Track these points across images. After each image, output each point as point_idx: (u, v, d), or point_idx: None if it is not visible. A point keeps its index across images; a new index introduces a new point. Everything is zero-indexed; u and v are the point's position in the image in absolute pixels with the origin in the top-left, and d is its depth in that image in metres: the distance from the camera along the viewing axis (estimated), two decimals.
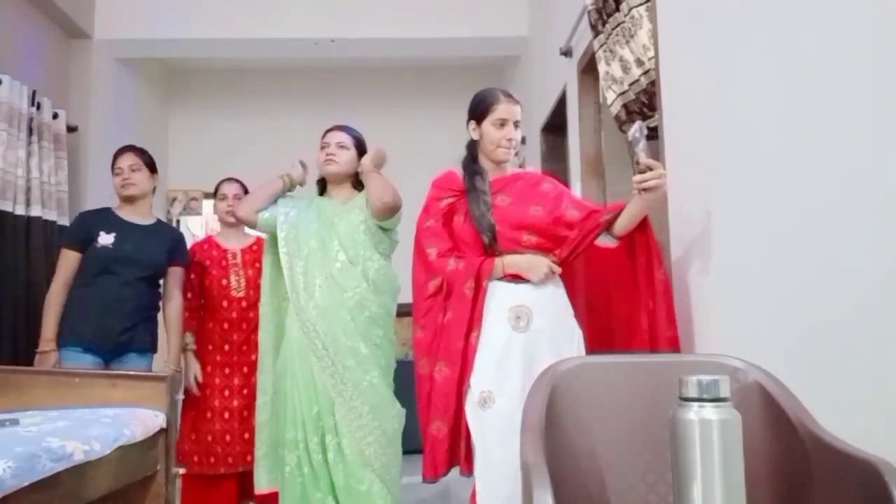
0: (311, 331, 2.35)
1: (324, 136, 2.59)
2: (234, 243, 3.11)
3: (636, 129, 1.87)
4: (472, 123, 2.15)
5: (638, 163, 1.85)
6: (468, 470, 1.95)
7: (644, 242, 2.01)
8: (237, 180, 3.18)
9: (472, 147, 2.18)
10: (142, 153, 2.91)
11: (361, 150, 2.59)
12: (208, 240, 3.20)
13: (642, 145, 1.84)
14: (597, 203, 2.28)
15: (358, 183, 2.62)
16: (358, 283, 2.42)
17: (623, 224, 2.00)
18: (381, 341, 2.46)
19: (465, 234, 2.05)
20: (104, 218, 2.84)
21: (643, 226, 2.01)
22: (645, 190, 1.85)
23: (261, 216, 2.52)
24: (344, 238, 2.46)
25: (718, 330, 1.83)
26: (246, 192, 3.04)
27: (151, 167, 2.93)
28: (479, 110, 2.14)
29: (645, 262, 2.00)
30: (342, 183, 2.59)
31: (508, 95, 2.15)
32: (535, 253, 2.02)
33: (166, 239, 2.93)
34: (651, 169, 1.84)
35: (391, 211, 2.46)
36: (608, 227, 2.02)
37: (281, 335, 2.50)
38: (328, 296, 2.39)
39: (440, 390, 1.96)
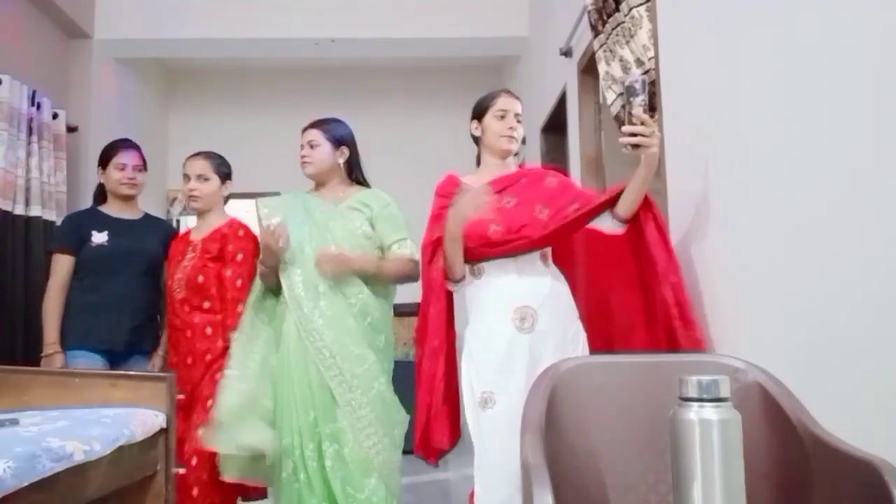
0: (318, 340, 2.30)
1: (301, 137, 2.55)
2: None
3: (637, 78, 1.76)
4: (475, 122, 2.16)
5: (630, 114, 1.76)
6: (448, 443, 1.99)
7: (649, 216, 1.95)
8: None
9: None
10: (140, 151, 2.87)
11: (336, 140, 2.50)
12: None
13: (641, 99, 1.75)
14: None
15: (347, 177, 2.55)
16: (360, 289, 2.37)
17: (626, 203, 1.94)
18: (384, 346, 2.43)
19: (470, 235, 2.03)
20: (93, 217, 2.80)
21: (646, 202, 1.96)
22: (633, 147, 1.79)
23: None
24: (342, 243, 2.39)
25: (719, 330, 1.83)
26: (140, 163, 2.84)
27: (146, 165, 2.91)
28: (480, 108, 2.16)
29: (657, 236, 1.93)
30: (326, 181, 2.52)
31: (508, 91, 2.18)
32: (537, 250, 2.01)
33: (159, 231, 2.88)
34: (643, 125, 1.78)
35: (411, 279, 2.43)
36: (611, 205, 1.98)
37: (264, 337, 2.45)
38: (333, 304, 2.34)
39: (425, 361, 2.01)
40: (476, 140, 2.19)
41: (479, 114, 2.15)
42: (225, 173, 2.75)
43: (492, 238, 1.99)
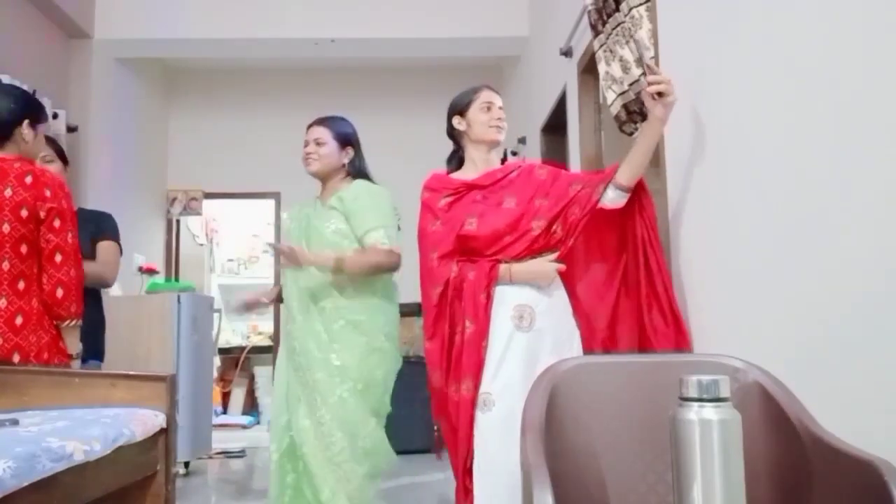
0: (293, 341, 2.37)
1: (306, 133, 2.50)
2: None
3: (645, 35, 1.88)
4: (457, 118, 2.15)
5: (648, 65, 1.84)
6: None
7: (644, 200, 1.99)
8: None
9: (455, 154, 2.20)
10: (52, 142, 2.67)
11: (342, 140, 2.46)
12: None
13: (652, 53, 1.86)
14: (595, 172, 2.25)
15: (347, 176, 2.49)
16: (330, 292, 2.34)
17: (632, 167, 1.94)
18: (363, 350, 2.32)
19: (480, 238, 2.01)
20: None
21: (641, 185, 1.98)
22: (659, 94, 1.81)
23: None
24: (314, 246, 2.37)
25: (718, 330, 1.83)
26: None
27: (63, 157, 2.72)
28: (462, 103, 2.15)
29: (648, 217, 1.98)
30: (327, 180, 2.48)
31: (488, 86, 2.19)
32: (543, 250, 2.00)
33: (88, 224, 2.60)
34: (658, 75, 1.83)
35: (384, 269, 2.36)
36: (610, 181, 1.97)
37: None
38: (305, 308, 2.36)
39: (468, 409, 1.92)
40: (456, 137, 2.18)
41: (460, 109, 2.15)
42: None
43: (505, 244, 1.99)
